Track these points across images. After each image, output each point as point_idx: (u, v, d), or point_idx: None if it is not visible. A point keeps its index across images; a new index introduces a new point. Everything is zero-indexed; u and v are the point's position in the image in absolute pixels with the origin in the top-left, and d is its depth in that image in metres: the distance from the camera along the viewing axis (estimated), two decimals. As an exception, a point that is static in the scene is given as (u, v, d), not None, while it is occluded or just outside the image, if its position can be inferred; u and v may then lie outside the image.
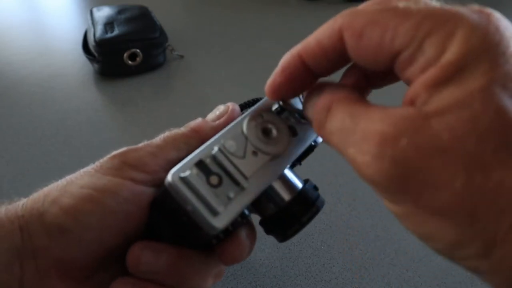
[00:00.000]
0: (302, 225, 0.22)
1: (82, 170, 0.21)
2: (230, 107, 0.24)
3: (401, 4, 0.15)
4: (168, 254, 0.20)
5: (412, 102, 0.15)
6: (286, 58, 0.19)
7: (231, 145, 0.20)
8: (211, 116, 0.24)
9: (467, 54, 0.13)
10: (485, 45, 0.13)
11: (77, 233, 0.19)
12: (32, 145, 0.52)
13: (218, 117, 0.23)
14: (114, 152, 0.21)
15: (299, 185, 0.22)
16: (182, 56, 0.73)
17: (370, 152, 0.14)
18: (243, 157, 0.20)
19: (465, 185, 0.13)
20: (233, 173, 0.19)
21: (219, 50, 0.77)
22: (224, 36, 0.83)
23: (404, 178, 0.14)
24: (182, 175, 0.18)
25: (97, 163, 0.21)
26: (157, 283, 0.20)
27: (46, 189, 0.21)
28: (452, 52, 0.14)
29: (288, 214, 0.22)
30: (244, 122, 0.21)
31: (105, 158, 0.21)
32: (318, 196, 0.23)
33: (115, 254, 0.20)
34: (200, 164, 0.19)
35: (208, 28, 0.86)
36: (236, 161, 0.20)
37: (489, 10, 0.15)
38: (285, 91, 0.20)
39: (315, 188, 0.23)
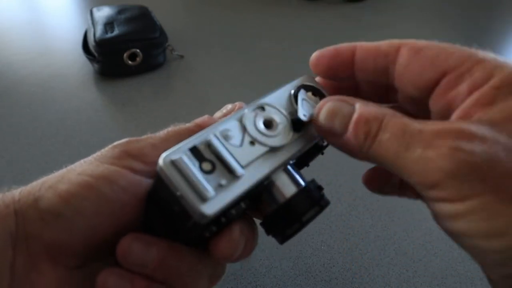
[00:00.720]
0: (303, 224, 0.21)
1: (83, 160, 0.21)
2: (238, 105, 0.24)
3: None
4: (158, 247, 0.20)
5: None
6: (342, 44, 0.22)
7: (228, 133, 0.19)
8: (218, 114, 0.24)
9: None
10: None
11: (70, 218, 0.19)
12: (32, 145, 0.52)
13: (225, 115, 0.23)
14: (116, 142, 0.21)
15: (302, 183, 0.21)
16: (182, 56, 0.73)
17: (446, 145, 0.15)
18: (240, 146, 0.19)
19: None
20: (227, 160, 0.18)
21: (219, 50, 0.77)
22: (224, 36, 0.83)
23: (485, 167, 0.14)
24: (173, 158, 0.18)
25: (98, 152, 0.21)
26: (146, 276, 0.20)
27: (45, 177, 0.20)
28: (501, 77, 0.16)
29: (288, 212, 0.21)
30: (244, 112, 0.20)
31: (106, 148, 0.21)
32: (322, 196, 0.22)
33: (109, 245, 0.20)
34: (193, 150, 0.18)
35: (208, 28, 0.86)
36: (231, 149, 0.19)
37: None
38: (327, 62, 0.22)
39: (320, 188, 0.22)
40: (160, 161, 0.18)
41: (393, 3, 1.02)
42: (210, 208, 0.17)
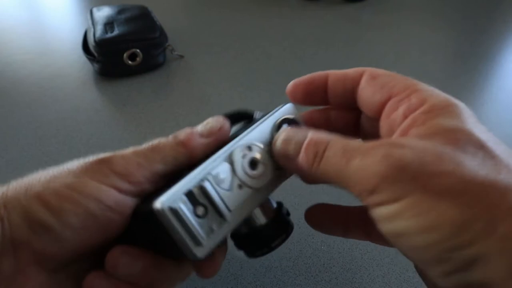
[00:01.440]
0: (271, 249, 0.24)
1: (66, 167, 0.22)
2: (220, 125, 0.24)
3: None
4: (144, 260, 0.22)
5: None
6: (316, 72, 0.24)
7: (219, 177, 0.21)
8: (200, 128, 0.24)
9: (444, 104, 0.19)
10: (453, 102, 0.19)
11: (59, 231, 0.20)
12: (32, 145, 0.52)
13: (209, 133, 0.23)
14: (102, 156, 0.22)
15: (273, 210, 0.24)
16: (182, 56, 0.73)
17: (380, 154, 0.17)
18: (229, 190, 0.21)
19: (470, 171, 0.16)
20: (218, 205, 0.20)
21: (219, 50, 0.77)
22: (224, 36, 0.83)
23: (414, 169, 0.16)
24: (172, 206, 0.19)
25: (83, 164, 0.22)
26: (129, 282, 0.22)
27: (27, 180, 0.21)
28: (431, 103, 0.19)
29: (260, 237, 0.24)
30: (233, 154, 0.21)
31: (91, 160, 0.22)
32: (289, 222, 0.25)
33: (93, 251, 0.22)
34: (189, 194, 0.20)
35: (208, 28, 0.86)
36: (222, 193, 0.21)
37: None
38: (303, 88, 0.25)
39: (288, 213, 0.25)
40: (159, 206, 0.19)
41: (393, 3, 1.02)
42: (202, 251, 0.20)
